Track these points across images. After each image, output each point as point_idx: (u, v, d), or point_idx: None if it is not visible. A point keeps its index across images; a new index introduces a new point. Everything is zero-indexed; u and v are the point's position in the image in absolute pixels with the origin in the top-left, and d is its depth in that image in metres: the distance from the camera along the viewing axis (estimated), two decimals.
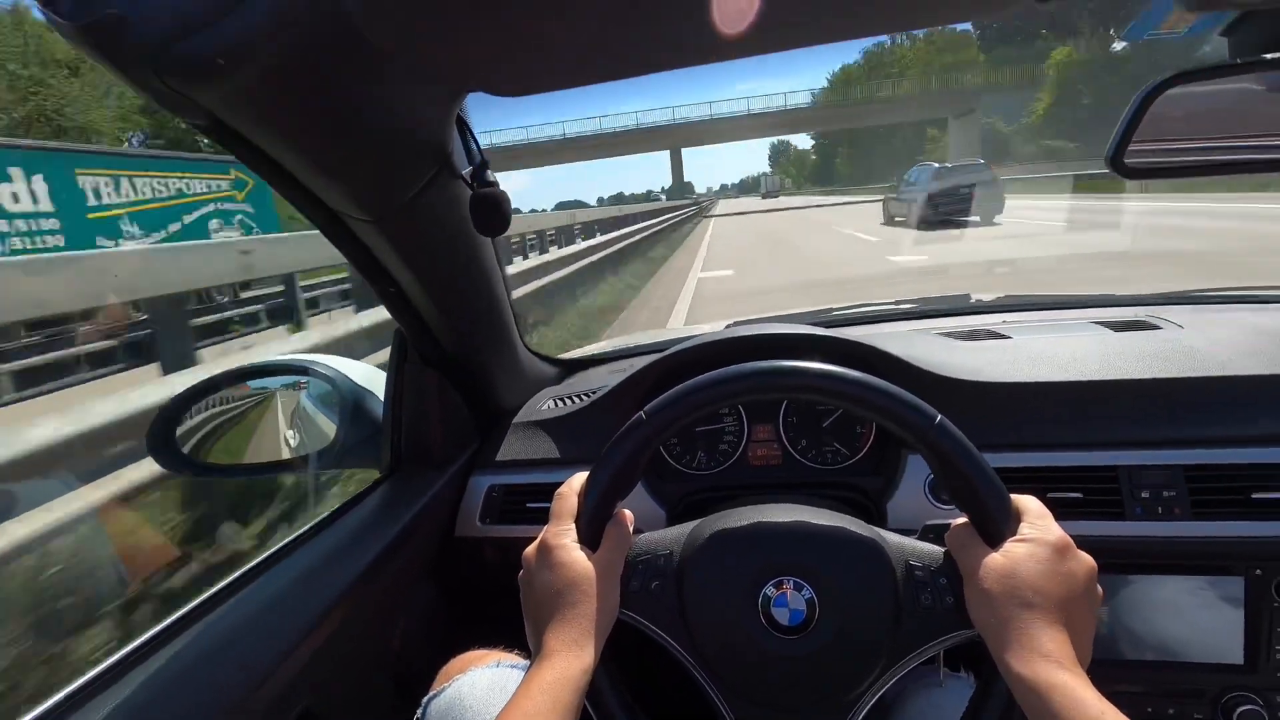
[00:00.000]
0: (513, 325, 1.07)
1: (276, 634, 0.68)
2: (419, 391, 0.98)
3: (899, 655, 0.54)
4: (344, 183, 0.65)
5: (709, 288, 9.14)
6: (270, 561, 0.80)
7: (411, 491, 0.94)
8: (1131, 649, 0.86)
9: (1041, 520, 0.53)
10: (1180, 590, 0.84)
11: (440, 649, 0.81)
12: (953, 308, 1.39)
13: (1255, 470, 0.80)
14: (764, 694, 0.55)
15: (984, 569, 0.51)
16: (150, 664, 0.63)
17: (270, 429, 1.04)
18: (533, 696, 0.49)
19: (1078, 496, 0.84)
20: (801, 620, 0.55)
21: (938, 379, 0.92)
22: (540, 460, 1.01)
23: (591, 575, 0.55)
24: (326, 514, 0.90)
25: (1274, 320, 1.04)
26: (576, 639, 0.53)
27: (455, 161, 0.72)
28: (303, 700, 0.68)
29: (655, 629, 0.57)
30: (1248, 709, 0.83)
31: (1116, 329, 1.07)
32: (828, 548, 0.58)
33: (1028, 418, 0.90)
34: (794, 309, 1.56)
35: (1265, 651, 0.82)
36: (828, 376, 0.57)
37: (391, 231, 0.74)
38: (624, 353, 1.35)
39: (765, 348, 0.96)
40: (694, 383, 0.59)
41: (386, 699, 0.84)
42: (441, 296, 0.87)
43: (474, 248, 0.88)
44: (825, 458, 0.98)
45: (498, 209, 0.72)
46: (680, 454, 1.02)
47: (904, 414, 0.56)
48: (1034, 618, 0.48)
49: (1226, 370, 0.87)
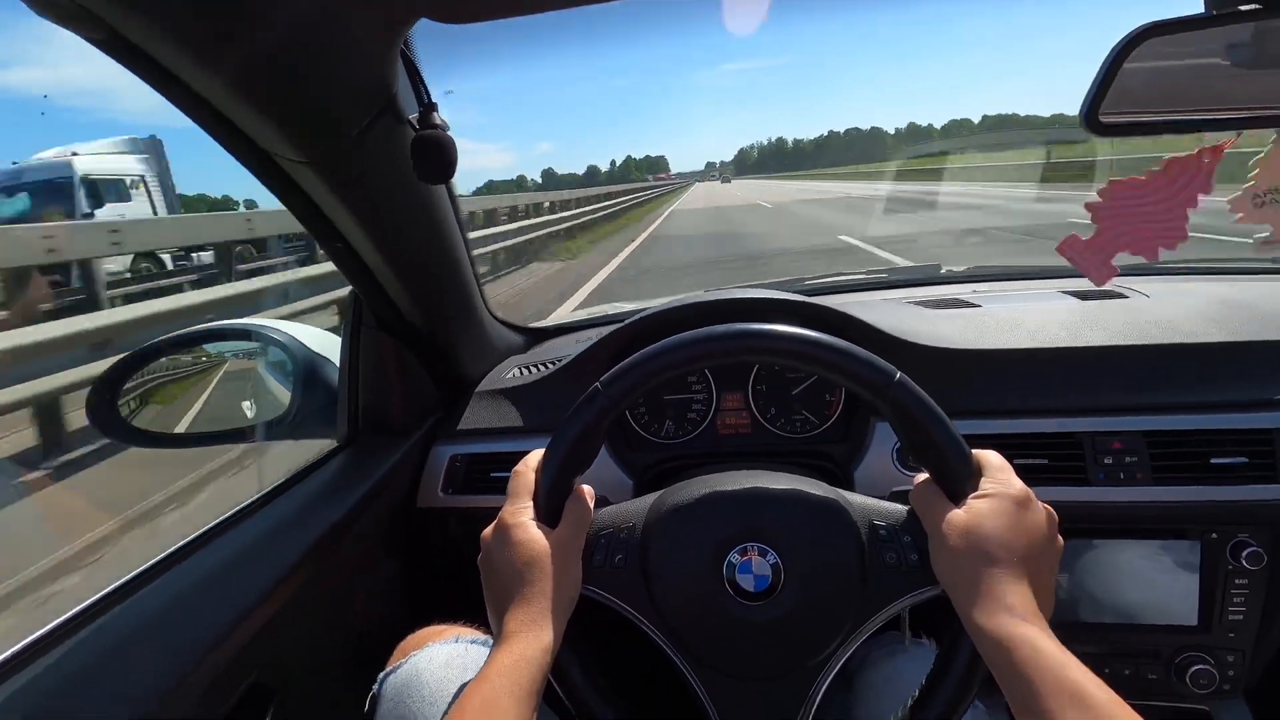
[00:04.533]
0: (475, 290, 1.03)
1: (223, 604, 0.65)
2: (377, 358, 0.95)
3: (866, 614, 0.54)
4: (273, 118, 0.60)
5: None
6: (218, 530, 0.77)
7: (370, 461, 0.91)
8: (1090, 612, 0.88)
9: (1002, 474, 0.53)
10: (1138, 554, 0.86)
11: (401, 623, 0.79)
12: (923, 277, 1.38)
13: (1215, 436, 0.82)
14: (733, 662, 0.55)
15: (947, 524, 0.51)
16: (87, 632, 0.60)
17: (220, 396, 1.00)
18: (490, 680, 0.47)
19: (1042, 462, 0.84)
20: (767, 585, 0.55)
21: (905, 344, 0.92)
22: (504, 429, 0.99)
23: (550, 553, 0.54)
24: (278, 483, 0.87)
25: (1236, 290, 1.05)
26: (536, 619, 0.51)
27: (401, 103, 0.67)
28: (252, 673, 0.65)
29: (620, 603, 0.56)
30: (1200, 668, 0.85)
31: (1084, 298, 1.07)
32: (789, 511, 0.57)
33: (994, 384, 0.90)
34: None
35: (1218, 612, 0.84)
36: (786, 338, 0.56)
37: (331, 176, 0.69)
38: (592, 321, 1.32)
39: (731, 312, 0.94)
40: (649, 350, 0.58)
41: (344, 673, 0.81)
42: (394, 254, 0.83)
43: (427, 201, 0.83)
44: (794, 425, 0.97)
45: (440, 152, 0.66)
46: (648, 423, 1.00)
47: (863, 372, 0.55)
48: (998, 572, 0.48)
49: (1190, 338, 0.88)
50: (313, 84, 0.59)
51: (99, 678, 0.55)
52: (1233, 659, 0.86)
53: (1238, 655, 0.86)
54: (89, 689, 0.54)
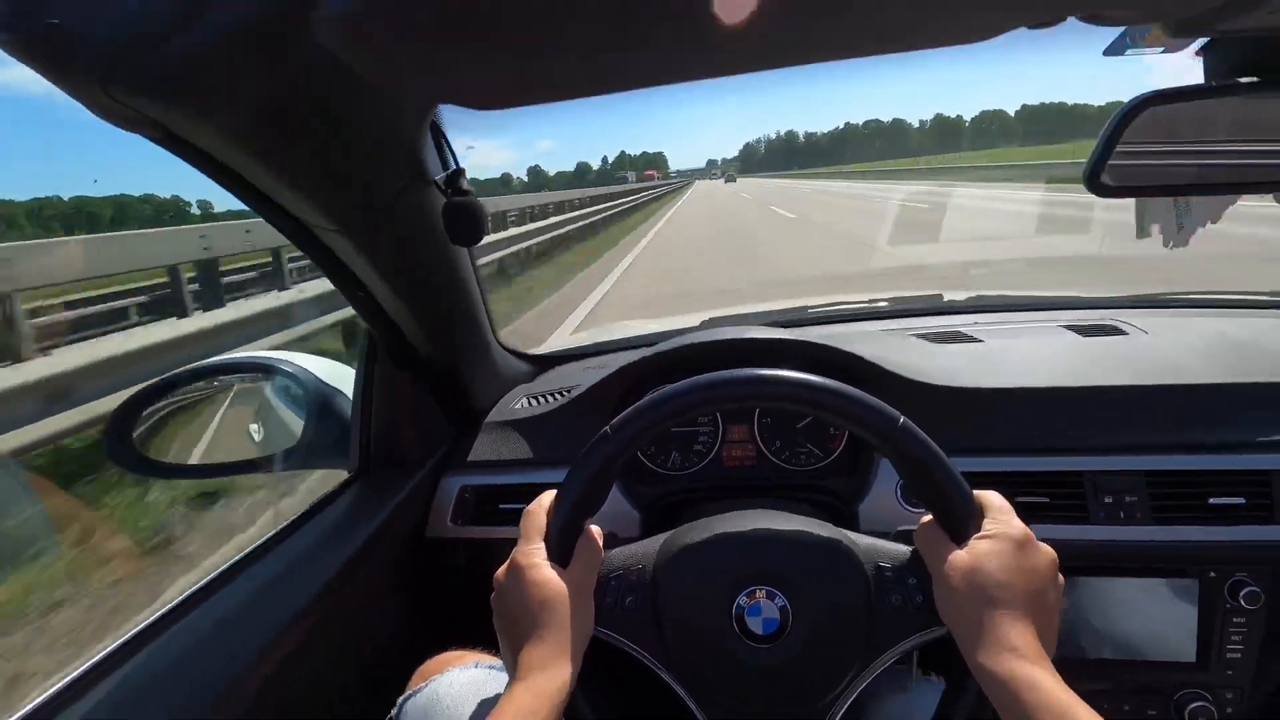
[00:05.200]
0: (486, 325, 1.05)
1: (243, 645, 0.66)
2: (390, 393, 0.96)
3: (872, 656, 0.55)
4: (308, 194, 0.62)
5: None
6: (236, 569, 0.78)
7: (382, 493, 0.93)
8: (1090, 648, 0.89)
9: (1003, 514, 0.54)
10: (1137, 592, 0.87)
11: (414, 652, 0.80)
12: (925, 307, 1.40)
13: (1213, 476, 0.83)
14: (742, 704, 0.56)
15: (950, 566, 0.52)
16: (112, 677, 0.61)
17: (232, 428, 1.01)
18: (508, 718, 0.48)
19: (1044, 501, 0.86)
20: (776, 628, 0.56)
21: (909, 383, 0.93)
22: (513, 461, 1.00)
23: (564, 593, 0.55)
24: (294, 518, 0.88)
25: (1235, 327, 1.06)
26: (552, 657, 0.52)
27: (429, 168, 0.69)
28: (273, 710, 0.66)
29: (632, 645, 0.57)
30: (1198, 705, 0.87)
31: (1084, 333, 1.09)
32: (797, 553, 0.58)
33: (997, 422, 0.91)
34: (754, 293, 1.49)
35: (1216, 650, 0.86)
36: (793, 384, 0.58)
37: (361, 241, 0.72)
38: (598, 348, 1.33)
39: (740, 351, 0.96)
40: (659, 395, 0.59)
41: (361, 703, 0.83)
42: (414, 303, 0.85)
43: (448, 255, 0.86)
44: (799, 459, 0.98)
45: (473, 218, 0.69)
46: (654, 455, 1.01)
47: (868, 417, 0.56)
48: (1000, 613, 0.49)
49: (1189, 378, 0.89)
50: (347, 164, 0.61)
51: None
52: (1231, 696, 0.87)
53: (1236, 693, 0.87)
54: None
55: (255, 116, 0.52)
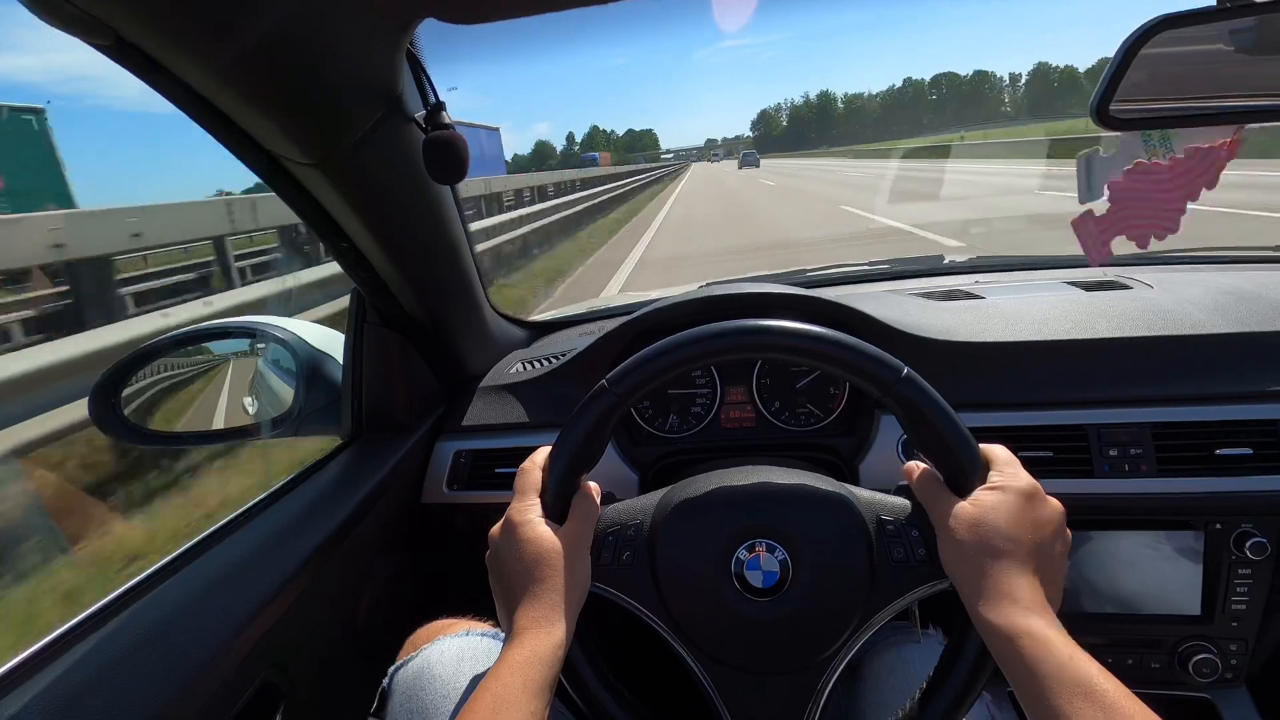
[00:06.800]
0: (478, 285, 1.03)
1: (232, 605, 0.65)
2: (380, 354, 0.94)
3: (874, 609, 0.54)
4: (278, 120, 0.59)
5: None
6: (225, 530, 0.77)
7: (375, 458, 0.91)
8: (1093, 602, 0.88)
9: (1009, 467, 0.53)
10: (1142, 545, 0.86)
11: (408, 619, 0.79)
12: (927, 268, 1.38)
13: (1220, 427, 0.82)
14: (742, 657, 0.55)
15: (954, 519, 0.51)
16: (96, 637, 0.60)
17: (222, 394, 1.00)
18: (502, 678, 0.47)
19: (1048, 455, 0.84)
20: (775, 582, 0.54)
21: (911, 338, 0.91)
22: (508, 425, 0.99)
23: (559, 549, 0.54)
24: (284, 481, 0.86)
25: (1239, 280, 1.05)
26: (546, 615, 0.51)
27: (407, 102, 0.67)
28: (262, 672, 0.65)
29: (629, 600, 0.56)
30: (1203, 657, 0.86)
31: (1088, 289, 1.07)
32: (797, 507, 0.57)
33: (1000, 377, 0.90)
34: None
35: (1221, 602, 0.85)
36: (793, 334, 0.56)
37: (337, 178, 0.69)
38: (594, 315, 1.32)
39: (738, 307, 0.94)
40: (656, 347, 0.57)
41: (353, 670, 0.82)
42: (398, 252, 0.83)
43: (431, 198, 0.83)
44: (798, 419, 0.97)
45: (453, 153, 0.66)
46: (652, 417, 1.00)
47: (871, 368, 0.55)
48: (1005, 565, 0.48)
49: (1195, 329, 0.88)
50: (318, 86, 0.59)
51: (108, 682, 0.55)
52: (1235, 648, 0.87)
53: (1240, 645, 0.86)
54: (98, 693, 0.54)
55: (217, 27, 0.49)
